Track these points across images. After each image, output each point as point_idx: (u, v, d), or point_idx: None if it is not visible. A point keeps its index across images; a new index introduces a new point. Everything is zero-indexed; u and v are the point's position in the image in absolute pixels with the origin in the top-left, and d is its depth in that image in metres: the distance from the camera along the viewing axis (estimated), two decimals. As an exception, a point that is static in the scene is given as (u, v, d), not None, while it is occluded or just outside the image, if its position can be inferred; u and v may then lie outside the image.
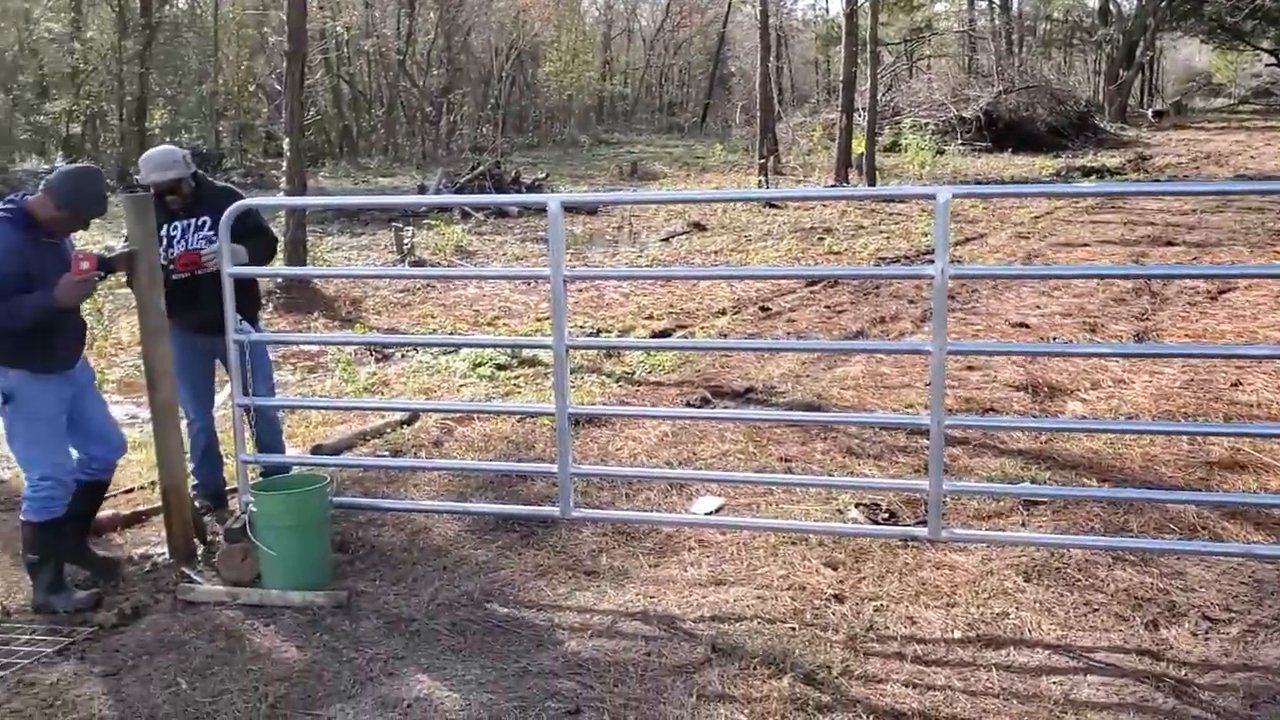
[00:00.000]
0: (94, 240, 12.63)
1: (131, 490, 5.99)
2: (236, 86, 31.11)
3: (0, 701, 3.89)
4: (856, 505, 5.44)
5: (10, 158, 25.05)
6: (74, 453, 4.79)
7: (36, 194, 4.62)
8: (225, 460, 5.74)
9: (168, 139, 28.20)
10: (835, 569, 4.79)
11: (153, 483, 5.66)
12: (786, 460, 6.22)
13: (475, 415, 7.10)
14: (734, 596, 4.59)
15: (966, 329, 9.41)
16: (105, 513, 5.65)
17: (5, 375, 4.52)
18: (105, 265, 4.82)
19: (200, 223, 5.30)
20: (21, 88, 26.79)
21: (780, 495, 5.64)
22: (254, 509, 4.70)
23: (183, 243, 5.28)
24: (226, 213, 4.90)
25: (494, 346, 8.93)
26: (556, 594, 4.66)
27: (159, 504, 5.28)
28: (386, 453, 6.54)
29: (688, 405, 7.42)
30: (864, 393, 7.55)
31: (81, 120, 27.69)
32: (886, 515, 5.35)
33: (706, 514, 5.48)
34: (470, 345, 9.14)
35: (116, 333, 10.16)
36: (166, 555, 5.11)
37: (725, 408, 7.42)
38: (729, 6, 48.44)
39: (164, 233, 5.22)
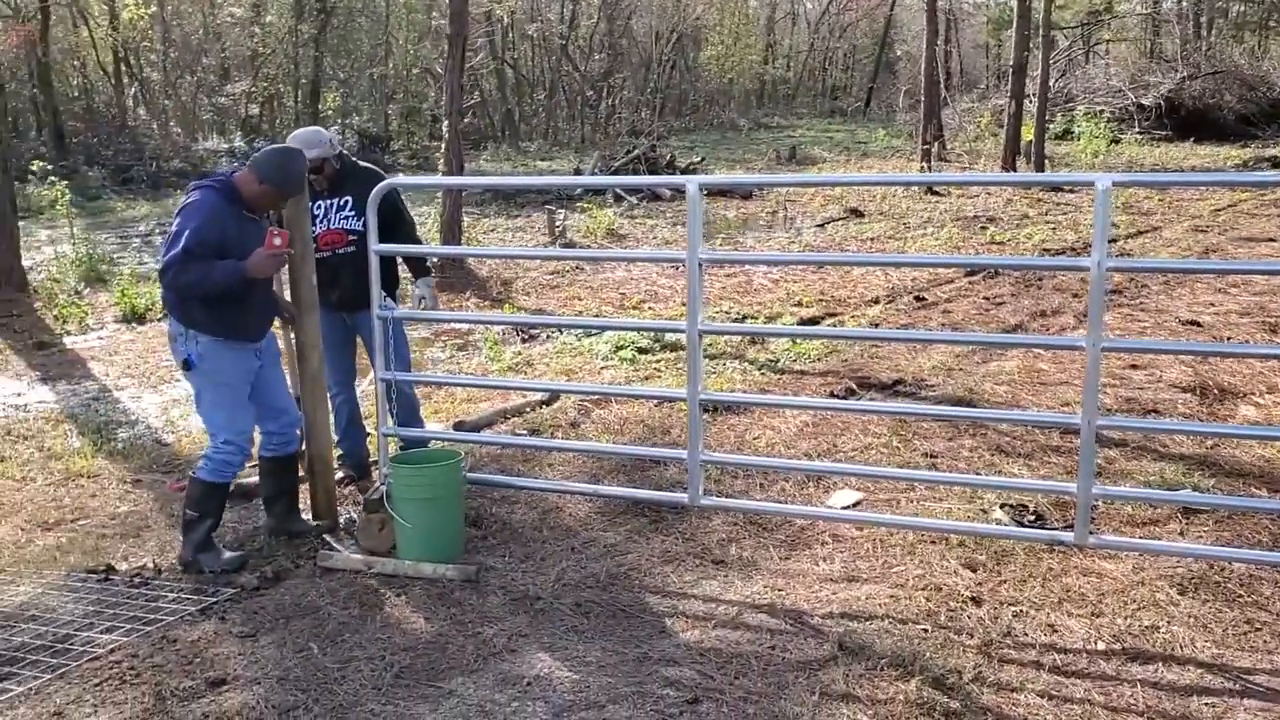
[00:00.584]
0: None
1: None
2: (405, 70, 32.00)
3: (144, 655, 4.06)
4: (1001, 506, 5.21)
5: (193, 136, 26.34)
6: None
7: (242, 170, 4.82)
8: (369, 433, 5.90)
9: (339, 120, 29.28)
10: (974, 571, 4.60)
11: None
12: (931, 456, 6.01)
13: (612, 399, 7.10)
14: (865, 594, 4.44)
15: (1132, 326, 8.93)
16: (251, 479, 5.87)
17: (196, 340, 4.73)
18: None
19: (342, 202, 5.44)
20: (205, 70, 28.14)
21: (922, 492, 5.45)
22: (391, 481, 4.79)
23: (325, 222, 5.43)
24: (372, 195, 4.98)
25: (628, 330, 8.90)
26: (683, 581, 4.60)
27: (305, 472, 5.43)
28: (524, 432, 6.60)
29: (831, 396, 7.26)
30: (1018, 389, 7.25)
31: (259, 102, 28.94)
32: (1033, 517, 5.11)
33: (843, 508, 5.34)
34: (605, 328, 9.14)
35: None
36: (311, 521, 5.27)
37: (871, 400, 7.23)
38: (897, -11, 47.36)
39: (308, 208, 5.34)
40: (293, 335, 5.22)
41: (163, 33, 28.26)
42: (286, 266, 5.02)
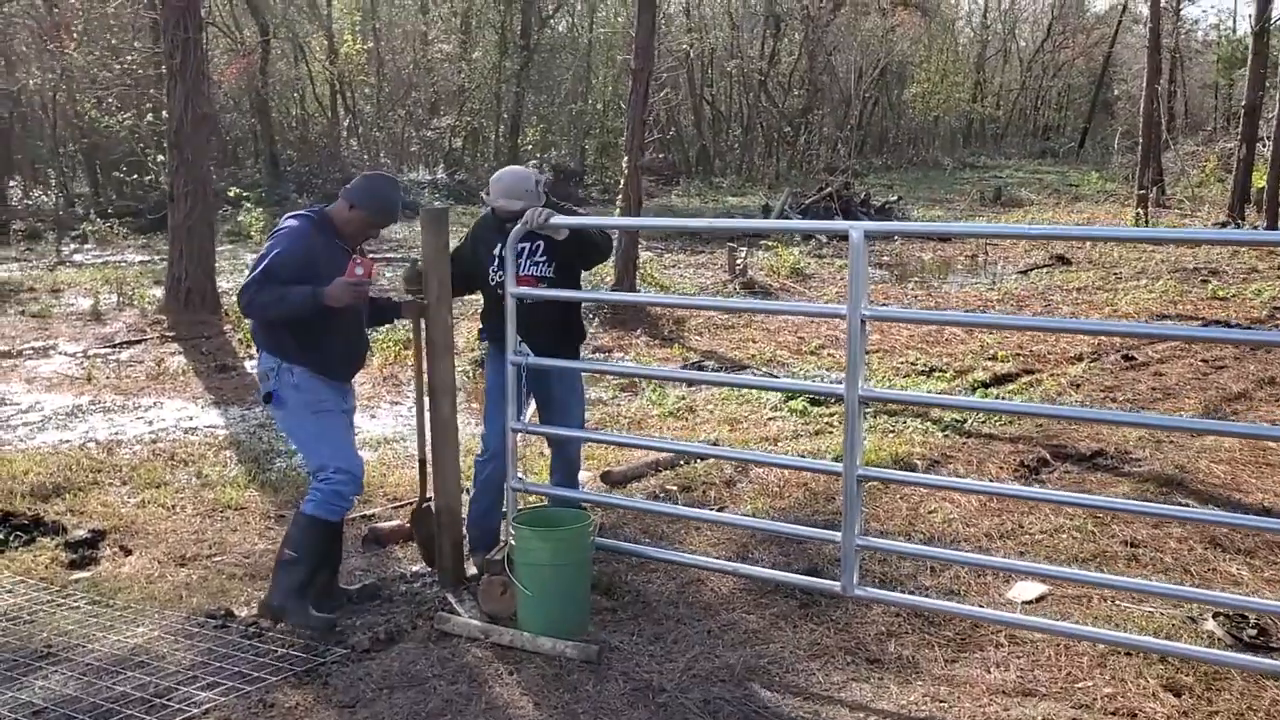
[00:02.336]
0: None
1: (413, 504, 5.92)
2: (603, 105, 32.29)
3: (237, 720, 3.79)
4: (1215, 615, 4.42)
5: (399, 168, 27.18)
6: None
7: (338, 200, 4.61)
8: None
9: (538, 155, 29.73)
10: (1178, 695, 3.86)
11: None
12: (1132, 546, 5.24)
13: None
14: (1043, 713, 3.78)
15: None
16: (388, 524, 5.63)
17: (291, 372, 4.49)
18: (390, 310, 4.77)
19: (534, 246, 4.89)
20: (414, 104, 29.06)
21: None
22: (512, 543, 4.41)
23: (518, 267, 4.90)
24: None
25: (776, 390, 8.24)
26: (830, 681, 4.03)
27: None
28: (674, 488, 6.14)
29: (1021, 466, 6.52)
30: (1240, 469, 6.34)
31: (462, 135, 29.67)
32: (1254, 633, 4.31)
33: (1025, 603, 4.66)
34: (750, 386, 8.51)
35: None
36: (434, 576, 4.96)
37: (1066, 472, 6.46)
38: (1118, 26, 44.93)
39: (496, 252, 4.90)
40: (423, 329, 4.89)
41: (377, 67, 29.40)
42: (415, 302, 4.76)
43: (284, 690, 4.01)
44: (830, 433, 7.40)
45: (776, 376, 9.32)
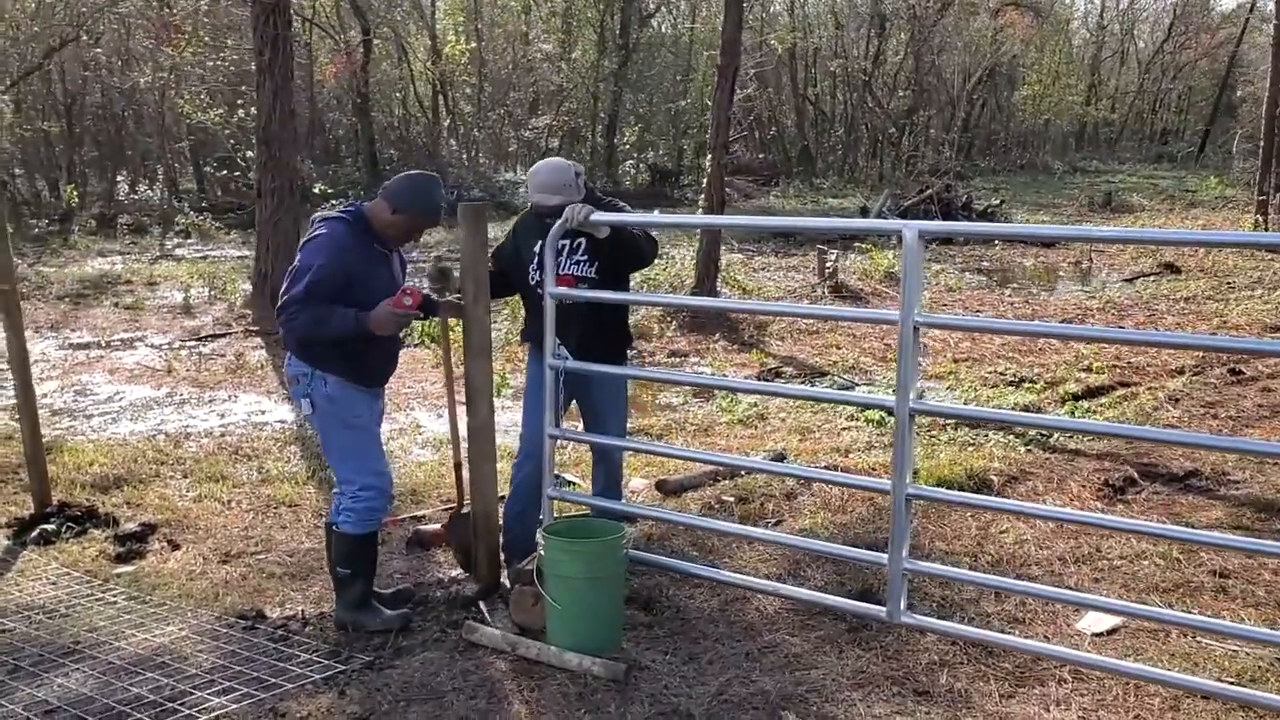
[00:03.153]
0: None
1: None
2: (701, 104, 31.99)
3: (244, 729, 3.66)
4: (1311, 659, 4.01)
5: (497, 168, 27.33)
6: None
7: (374, 199, 4.44)
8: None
9: (635, 155, 29.64)
10: (1260, 750, 3.49)
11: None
12: (1221, 576, 4.82)
13: (836, 467, 6.26)
14: (1105, 761, 3.44)
15: None
16: (431, 527, 5.49)
17: (324, 381, 4.35)
18: (429, 309, 4.57)
19: (576, 244, 4.66)
20: (514, 104, 29.19)
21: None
22: (541, 553, 4.21)
23: (557, 266, 4.66)
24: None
25: (826, 401, 7.80)
26: (871, 714, 3.74)
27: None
28: (731, 498, 5.88)
29: (1105, 485, 6.11)
30: (1350, 494, 5.84)
31: (560, 135, 29.70)
32: (1355, 682, 3.89)
33: (1094, 634, 4.30)
34: (799, 397, 8.09)
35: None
36: (470, 582, 4.79)
37: (1155, 493, 6.02)
38: (1245, 25, 42.98)
39: (536, 249, 4.66)
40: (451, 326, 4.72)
41: (479, 67, 29.59)
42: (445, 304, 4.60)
43: (299, 699, 3.87)
44: (905, 444, 7.05)
45: (855, 385, 8.97)
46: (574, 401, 4.88)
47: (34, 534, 5.66)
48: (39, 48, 21.34)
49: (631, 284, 5.09)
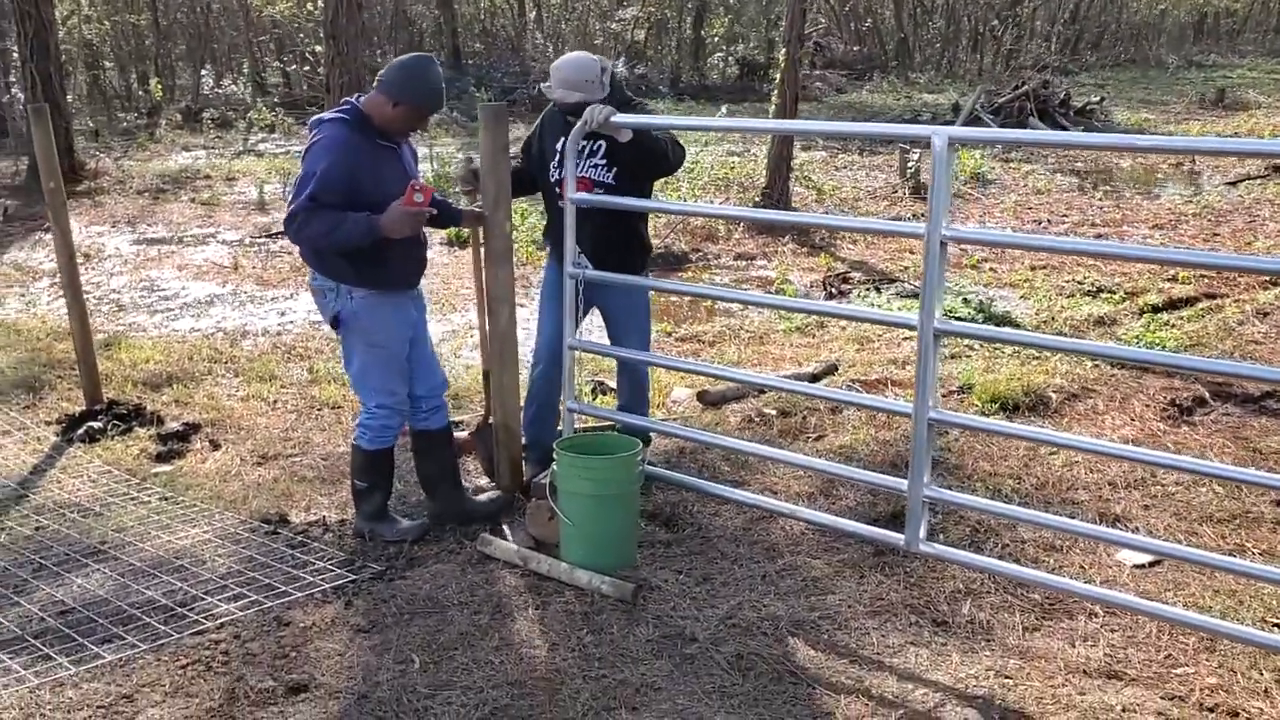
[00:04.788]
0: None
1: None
2: (794, -5, 30.88)
3: (246, 638, 3.65)
4: (1368, 602, 3.74)
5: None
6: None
7: (370, 92, 4.25)
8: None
9: (724, 48, 28.81)
10: (1301, 698, 3.26)
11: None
12: (1286, 508, 4.53)
13: (889, 381, 6.03)
14: (1125, 701, 3.25)
15: None
16: (461, 434, 5.42)
17: (350, 296, 4.23)
18: (449, 217, 4.40)
19: (596, 147, 4.47)
20: (600, -6, 28.54)
21: (1250, 557, 4.06)
22: (554, 468, 4.11)
23: (577, 167, 4.47)
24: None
25: (850, 319, 7.29)
26: (884, 644, 3.59)
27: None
28: (772, 412, 5.70)
29: (1171, 405, 5.78)
30: None
31: (646, 27, 28.97)
32: None
33: (1136, 566, 4.08)
34: (826, 314, 7.63)
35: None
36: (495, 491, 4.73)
37: (1225, 414, 5.67)
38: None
39: (558, 146, 4.49)
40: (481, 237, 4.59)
41: (566, -45, 28.93)
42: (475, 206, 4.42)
43: (305, 607, 3.86)
44: (967, 357, 6.78)
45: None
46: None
47: (80, 431, 5.76)
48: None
49: (692, 182, 4.86)
